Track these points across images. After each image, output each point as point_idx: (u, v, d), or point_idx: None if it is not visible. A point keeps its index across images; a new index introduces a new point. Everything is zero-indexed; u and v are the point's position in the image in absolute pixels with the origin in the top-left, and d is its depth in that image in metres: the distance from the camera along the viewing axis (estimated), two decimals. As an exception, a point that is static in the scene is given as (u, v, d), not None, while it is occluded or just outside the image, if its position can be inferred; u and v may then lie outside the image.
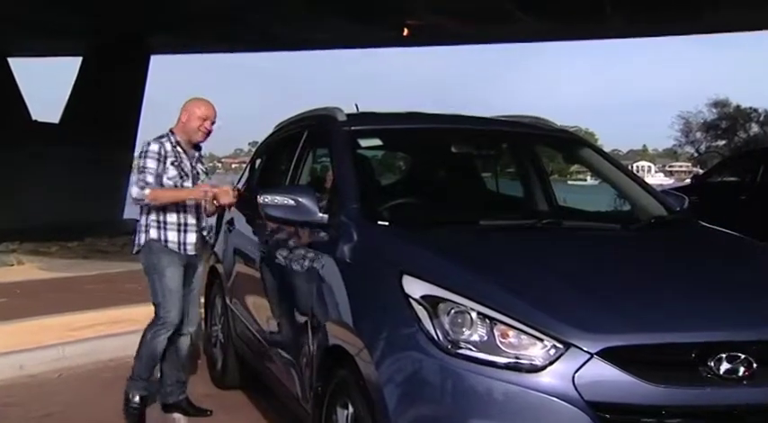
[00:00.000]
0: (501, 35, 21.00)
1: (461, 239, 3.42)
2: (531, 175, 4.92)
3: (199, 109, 4.94)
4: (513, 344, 2.77)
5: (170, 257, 4.85)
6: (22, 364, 5.95)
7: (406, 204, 3.95)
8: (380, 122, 4.63)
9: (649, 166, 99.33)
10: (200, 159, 5.07)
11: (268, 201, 3.80)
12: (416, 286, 2.97)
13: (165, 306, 4.85)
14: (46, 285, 9.44)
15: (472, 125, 4.75)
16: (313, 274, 3.73)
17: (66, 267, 10.49)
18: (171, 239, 4.85)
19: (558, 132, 4.80)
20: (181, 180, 4.85)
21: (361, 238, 3.51)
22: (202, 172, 5.03)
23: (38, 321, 7.07)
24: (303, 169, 4.60)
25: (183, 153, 4.90)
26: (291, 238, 4.20)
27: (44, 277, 10.18)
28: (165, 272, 4.82)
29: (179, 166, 4.84)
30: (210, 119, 4.94)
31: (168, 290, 4.83)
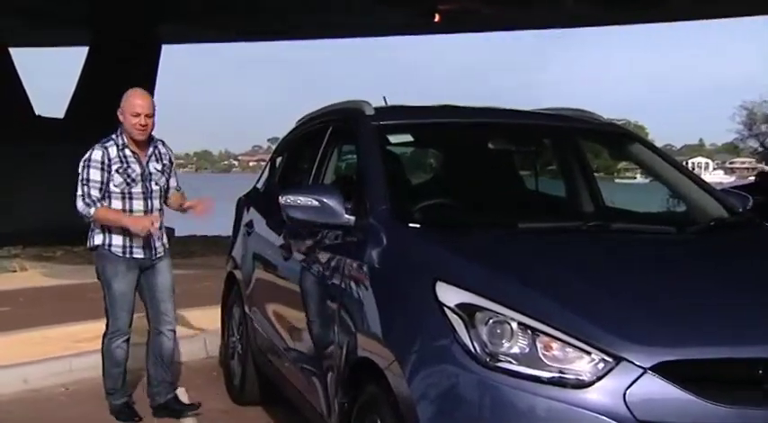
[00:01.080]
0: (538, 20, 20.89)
1: (499, 243, 3.43)
2: (575, 172, 4.91)
3: (129, 105, 5.01)
4: (558, 357, 2.77)
5: (115, 265, 5.06)
6: (26, 377, 6.04)
7: (438, 205, 3.96)
8: (411, 117, 4.64)
9: (707, 163, 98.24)
10: (160, 155, 5.16)
11: (290, 201, 3.83)
12: (451, 294, 2.98)
13: (113, 314, 5.12)
14: (51, 293, 9.56)
15: (510, 119, 4.75)
16: (339, 281, 3.75)
17: (73, 273, 10.60)
18: (115, 243, 5.05)
19: (605, 126, 4.78)
20: (128, 187, 5.02)
21: (391, 242, 3.53)
22: (157, 171, 5.12)
23: (42, 332, 7.17)
24: (328, 168, 4.63)
25: (133, 155, 5.04)
26: (315, 242, 4.23)
27: (48, 284, 10.30)
28: (112, 282, 5.07)
29: (125, 172, 5.00)
30: (144, 112, 5.00)
31: (114, 298, 5.08)
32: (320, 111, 5.14)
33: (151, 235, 5.10)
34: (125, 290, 5.10)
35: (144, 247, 5.12)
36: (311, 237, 4.29)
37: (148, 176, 5.11)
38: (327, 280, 3.93)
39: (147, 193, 5.10)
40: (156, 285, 5.22)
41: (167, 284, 5.28)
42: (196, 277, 10.31)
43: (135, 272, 5.13)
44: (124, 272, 5.08)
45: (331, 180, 4.66)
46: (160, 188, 5.18)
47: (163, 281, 5.25)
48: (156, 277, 5.23)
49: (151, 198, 5.13)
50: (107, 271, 5.08)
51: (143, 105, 5.02)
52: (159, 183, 5.17)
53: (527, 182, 4.97)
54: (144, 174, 5.09)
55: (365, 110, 4.36)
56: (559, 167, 5.09)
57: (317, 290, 4.11)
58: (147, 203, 5.11)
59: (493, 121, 4.66)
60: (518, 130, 4.70)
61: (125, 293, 5.11)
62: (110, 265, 5.07)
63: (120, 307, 5.10)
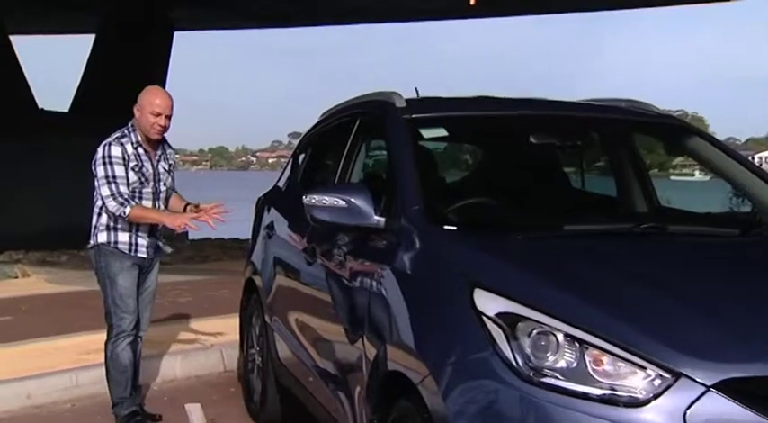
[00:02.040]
0: (580, 1, 20.70)
1: (543, 247, 3.43)
2: (627, 169, 4.89)
3: (149, 103, 5.20)
4: (609, 372, 2.76)
5: (121, 261, 5.27)
6: (29, 392, 6.12)
7: (476, 205, 3.96)
8: (445, 109, 4.65)
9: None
10: (166, 156, 5.40)
11: (315, 202, 3.86)
12: (491, 302, 2.98)
13: (117, 313, 5.28)
14: (55, 301, 9.68)
15: (554, 111, 4.74)
16: (368, 288, 3.77)
17: (79, 280, 10.71)
18: (121, 240, 5.26)
19: (660, 118, 4.76)
20: (141, 186, 5.24)
21: (425, 246, 3.54)
22: (164, 171, 5.36)
23: (47, 343, 7.27)
24: (355, 165, 4.65)
25: (145, 154, 5.26)
26: (342, 246, 4.25)
27: (53, 291, 10.44)
28: (117, 278, 5.26)
29: (140, 171, 5.22)
30: (164, 113, 5.21)
31: (119, 295, 5.26)
32: (346, 103, 5.17)
33: (155, 235, 5.36)
34: (130, 286, 5.31)
35: (148, 246, 5.34)
36: (337, 240, 4.31)
37: (158, 176, 5.33)
38: (355, 287, 3.95)
39: (156, 193, 5.33)
40: (143, 288, 5.44)
41: (153, 289, 5.54)
42: (212, 284, 10.38)
43: (137, 270, 5.36)
44: (129, 268, 5.31)
45: (359, 178, 4.68)
46: (167, 189, 5.42)
47: (150, 285, 5.50)
48: (146, 281, 5.46)
49: (158, 199, 5.35)
50: (112, 267, 5.27)
51: (163, 106, 5.21)
52: (167, 183, 5.41)
53: (573, 180, 4.96)
54: (154, 173, 5.31)
55: (396, 102, 4.37)
56: (609, 164, 5.07)
57: (343, 297, 4.13)
58: (154, 204, 5.33)
59: (535, 114, 4.65)
60: (563, 123, 4.69)
61: (130, 290, 5.31)
62: (116, 261, 5.27)
63: (125, 304, 5.28)
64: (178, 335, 7.42)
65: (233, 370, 6.92)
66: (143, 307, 5.46)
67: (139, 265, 5.36)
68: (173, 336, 7.34)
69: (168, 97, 5.26)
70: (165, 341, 7.10)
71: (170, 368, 6.73)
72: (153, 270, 5.50)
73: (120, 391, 5.41)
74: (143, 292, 5.45)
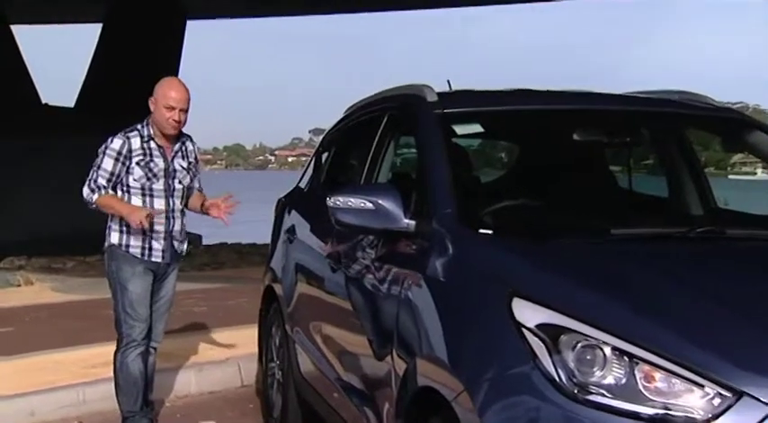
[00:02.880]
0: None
1: (588, 253, 3.41)
2: (679, 167, 4.87)
3: (163, 96, 5.25)
4: (662, 390, 2.75)
5: (132, 266, 5.32)
6: (32, 409, 6.16)
7: (515, 207, 3.96)
8: (481, 103, 4.65)
9: None
10: (186, 152, 5.43)
11: (340, 204, 3.87)
12: (531, 312, 2.98)
13: (127, 321, 5.33)
14: (61, 310, 9.75)
15: (600, 104, 4.73)
16: (396, 297, 3.78)
17: (86, 288, 10.79)
18: (134, 244, 5.32)
19: (717, 111, 4.73)
20: (149, 182, 5.28)
21: (459, 251, 3.54)
22: (182, 168, 5.38)
23: (51, 356, 7.32)
24: (383, 164, 4.65)
25: (158, 149, 5.29)
26: (369, 251, 4.26)
27: (58, 300, 10.51)
28: (128, 284, 5.31)
29: (146, 166, 5.27)
30: (180, 107, 5.25)
31: (130, 302, 5.31)
32: (373, 97, 5.18)
33: (171, 237, 5.37)
34: (142, 293, 5.35)
35: (164, 250, 5.38)
36: (364, 244, 4.32)
37: (172, 173, 5.37)
38: (383, 295, 3.96)
39: (170, 190, 5.37)
40: (158, 296, 5.48)
41: (169, 298, 5.58)
42: (228, 292, 10.42)
43: (150, 276, 5.39)
44: (141, 273, 5.34)
45: (387, 178, 4.69)
46: (183, 187, 5.44)
47: (166, 294, 5.54)
48: (162, 288, 5.49)
49: (173, 197, 5.39)
50: (123, 271, 5.32)
51: (179, 99, 5.26)
52: (183, 182, 5.43)
53: (620, 179, 4.94)
54: (168, 170, 5.35)
55: (427, 96, 4.38)
56: (659, 162, 5.05)
57: (370, 307, 4.14)
58: (168, 202, 5.37)
59: (578, 108, 4.64)
60: (609, 118, 4.67)
61: (142, 297, 5.35)
62: (127, 266, 5.32)
63: (136, 313, 5.32)
64: (192, 347, 7.46)
65: (251, 385, 6.95)
66: (157, 317, 5.50)
67: (154, 271, 5.40)
68: (187, 348, 7.37)
69: (184, 90, 5.30)
70: (179, 354, 7.14)
71: (184, 383, 6.77)
72: (169, 277, 5.53)
73: (129, 404, 5.45)
74: (158, 301, 5.49)
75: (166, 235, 5.37)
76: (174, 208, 5.38)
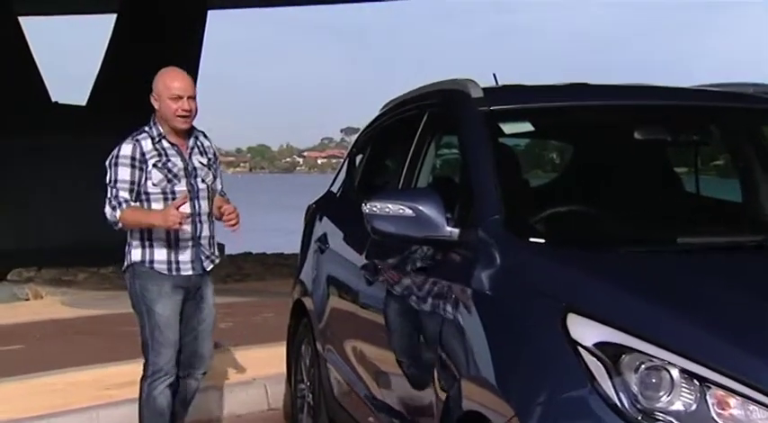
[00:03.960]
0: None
1: (652, 264, 3.40)
2: (755, 169, 4.80)
3: (166, 88, 5.16)
4: (738, 417, 2.74)
5: (159, 285, 5.20)
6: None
7: (568, 214, 3.96)
8: (531, 99, 4.64)
9: None
10: (203, 149, 5.33)
11: (376, 210, 3.88)
12: (588, 329, 2.98)
13: (155, 347, 5.22)
14: (73, 326, 9.83)
15: (663, 100, 4.69)
16: (439, 312, 3.78)
17: (99, 302, 10.89)
18: (158, 259, 5.20)
19: None
20: (170, 184, 5.17)
21: (507, 262, 3.54)
22: (202, 165, 5.28)
23: (63, 376, 7.37)
24: (423, 166, 4.66)
25: (172, 147, 5.21)
26: (408, 262, 4.26)
27: (70, 315, 10.59)
28: (155, 305, 5.19)
29: (165, 167, 5.16)
30: (186, 95, 5.14)
31: (157, 326, 5.19)
32: (412, 93, 5.18)
33: (200, 244, 5.25)
34: (170, 314, 5.22)
35: (192, 261, 5.25)
36: (402, 255, 4.32)
37: (193, 172, 5.25)
38: (423, 310, 3.96)
39: (194, 191, 5.24)
40: (198, 318, 5.36)
41: (211, 318, 5.43)
42: (253, 307, 10.46)
43: (181, 294, 5.27)
44: (169, 293, 5.22)
45: (427, 182, 4.69)
46: (207, 187, 5.31)
47: (207, 315, 5.40)
48: (199, 307, 5.37)
49: (198, 198, 5.25)
50: (149, 291, 5.21)
51: (182, 87, 5.18)
52: (206, 180, 5.31)
53: (686, 182, 4.91)
54: (188, 169, 5.24)
55: (471, 91, 4.37)
56: (732, 163, 5.01)
57: (410, 323, 4.14)
58: (193, 205, 5.23)
59: (639, 104, 4.61)
60: (674, 115, 4.65)
61: (170, 319, 5.22)
62: (153, 285, 5.21)
63: (164, 337, 5.21)
64: (215, 366, 7.46)
65: (279, 408, 6.96)
66: (201, 340, 5.37)
67: (185, 288, 5.27)
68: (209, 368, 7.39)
69: (185, 76, 5.22)
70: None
71: (206, 406, 6.79)
72: (205, 292, 5.37)
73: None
74: (199, 324, 5.36)
75: (194, 243, 5.24)
76: (200, 211, 5.25)
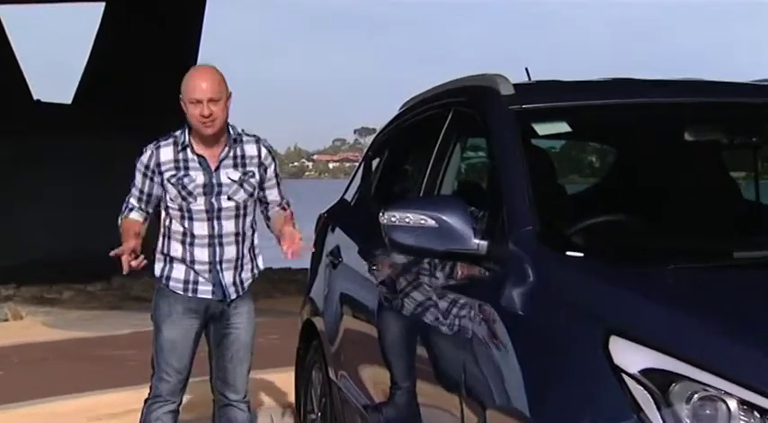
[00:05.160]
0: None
1: (705, 281, 3.40)
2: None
3: (185, 91, 5.07)
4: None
5: (171, 304, 5.20)
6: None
7: (610, 224, 3.94)
8: (567, 96, 4.65)
9: None
10: (242, 160, 5.16)
11: (395, 220, 3.89)
12: (634, 354, 2.97)
13: (158, 371, 5.24)
14: (56, 350, 9.86)
15: (718, 96, 4.69)
16: (465, 334, 3.78)
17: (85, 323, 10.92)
18: (175, 276, 5.19)
19: None
20: (185, 202, 5.09)
21: (541, 278, 3.53)
22: (231, 181, 5.11)
23: (47, 406, 7.40)
24: (446, 171, 4.66)
25: (196, 158, 5.10)
26: (430, 278, 4.26)
27: (53, 338, 10.63)
28: (162, 325, 5.21)
29: (179, 182, 5.08)
30: (207, 97, 5.02)
31: (162, 350, 5.21)
32: (435, 90, 5.18)
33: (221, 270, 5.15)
34: (177, 339, 5.19)
35: (213, 284, 5.18)
36: (424, 270, 4.32)
37: (216, 188, 5.11)
38: (447, 332, 3.96)
39: (213, 211, 5.11)
40: (231, 341, 5.28)
41: (245, 341, 5.33)
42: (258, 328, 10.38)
43: (197, 317, 5.21)
44: (180, 315, 5.18)
45: (452, 189, 4.70)
46: (237, 205, 5.16)
47: (240, 335, 5.30)
48: (232, 329, 5.28)
49: (219, 218, 5.13)
50: (160, 310, 5.22)
51: (205, 88, 5.04)
52: (235, 197, 5.15)
53: (744, 188, 4.89)
54: (209, 185, 5.11)
55: (500, 88, 4.37)
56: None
57: (432, 347, 4.15)
58: (212, 226, 5.12)
59: (690, 101, 4.60)
60: (729, 113, 4.64)
61: (176, 343, 5.19)
62: (164, 304, 5.20)
63: (166, 362, 5.20)
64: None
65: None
66: (231, 369, 5.30)
67: (202, 312, 5.20)
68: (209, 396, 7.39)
69: (211, 75, 5.10)
70: (200, 402, 7.15)
71: (205, 439, 6.80)
72: (234, 319, 5.25)
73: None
74: (227, 350, 5.28)
75: (211, 267, 5.14)
76: (221, 232, 5.12)
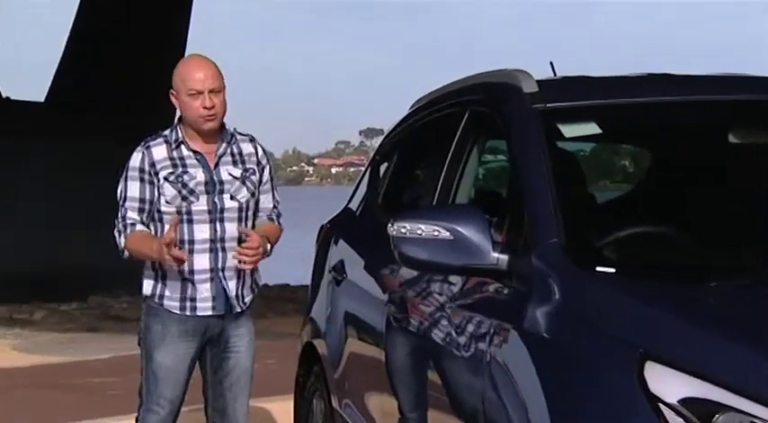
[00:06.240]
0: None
1: (753, 300, 3.41)
2: None
3: (183, 81, 5.08)
4: None
5: (165, 326, 5.16)
6: None
7: (645, 237, 3.97)
8: (597, 94, 4.65)
9: None
10: (240, 157, 5.21)
11: (405, 232, 3.89)
12: (672, 382, 2.99)
13: (147, 401, 5.20)
14: (25, 378, 9.84)
15: (764, 93, 4.69)
16: (483, 358, 3.79)
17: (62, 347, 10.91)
18: (170, 294, 5.15)
19: None
20: (185, 202, 5.09)
21: (568, 297, 3.54)
22: (232, 178, 5.15)
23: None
24: (462, 178, 4.67)
25: (193, 155, 5.13)
26: (445, 296, 4.28)
27: (22, 364, 10.61)
28: (154, 351, 5.17)
29: (178, 180, 5.09)
30: (208, 88, 5.04)
31: (154, 378, 5.17)
32: (450, 87, 5.20)
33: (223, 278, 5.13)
34: (172, 365, 5.16)
35: (214, 297, 5.15)
36: (438, 287, 4.34)
37: (218, 186, 5.14)
38: (464, 356, 3.97)
39: (216, 211, 5.12)
40: (230, 367, 5.28)
41: (246, 366, 5.33)
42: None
43: (194, 340, 5.19)
44: (175, 337, 5.16)
45: (468, 197, 4.71)
46: (240, 205, 5.18)
47: (241, 360, 5.30)
48: (231, 353, 5.27)
49: (222, 220, 5.13)
50: (152, 333, 5.17)
51: (203, 78, 5.06)
52: (238, 196, 5.17)
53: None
54: (210, 182, 5.13)
55: (523, 85, 4.38)
56: None
57: (447, 372, 4.16)
58: (214, 229, 5.12)
59: (735, 99, 4.60)
60: None
61: (170, 371, 5.16)
62: (157, 325, 5.16)
63: (157, 392, 5.17)
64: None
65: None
66: (230, 400, 5.29)
67: (201, 333, 5.18)
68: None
69: (208, 64, 5.12)
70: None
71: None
72: (233, 340, 5.25)
73: None
74: (225, 378, 5.27)
75: (213, 275, 5.12)
76: (224, 236, 5.11)
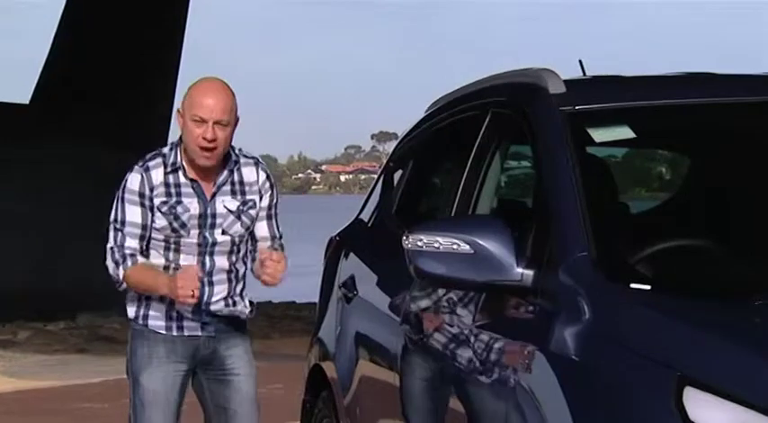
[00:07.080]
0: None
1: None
2: None
3: (191, 105, 5.07)
4: None
5: (150, 348, 5.19)
6: None
7: (683, 250, 3.97)
8: (630, 95, 4.65)
9: None
10: (240, 187, 5.20)
11: (422, 245, 3.90)
12: (712, 410, 3.00)
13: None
14: (10, 403, 9.87)
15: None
16: (506, 382, 3.80)
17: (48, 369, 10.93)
18: (154, 314, 5.19)
19: None
20: (175, 235, 5.12)
21: (598, 316, 3.55)
22: (227, 211, 5.14)
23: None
24: (484, 186, 4.67)
25: (189, 183, 5.13)
26: (465, 315, 4.28)
27: (7, 388, 10.65)
28: (140, 375, 5.18)
29: (171, 211, 5.10)
30: (213, 118, 5.01)
31: (141, 404, 5.19)
32: (470, 88, 5.20)
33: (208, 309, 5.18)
34: (159, 389, 5.18)
35: (204, 315, 5.20)
36: (457, 305, 4.34)
37: (209, 220, 5.16)
38: (485, 380, 3.98)
39: (205, 245, 5.16)
40: (230, 393, 5.29)
41: (248, 391, 5.34)
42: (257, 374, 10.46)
43: (184, 361, 5.22)
44: (163, 359, 5.18)
45: (490, 208, 4.71)
46: (232, 240, 5.21)
47: (242, 385, 5.31)
48: (229, 375, 5.29)
49: (212, 254, 5.18)
50: (137, 356, 5.19)
51: (213, 107, 5.04)
52: (231, 231, 5.19)
53: None
54: (203, 216, 5.15)
55: (549, 85, 4.39)
56: None
57: (467, 396, 4.16)
58: (203, 263, 5.17)
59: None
60: None
61: (158, 396, 5.18)
62: (143, 347, 5.19)
63: (146, 417, 5.19)
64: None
65: None
66: None
67: (190, 354, 5.21)
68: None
69: (221, 91, 5.10)
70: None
71: None
72: (231, 360, 5.27)
73: None
74: (227, 402, 5.27)
75: (212, 291, 5.15)
76: (212, 268, 5.17)
